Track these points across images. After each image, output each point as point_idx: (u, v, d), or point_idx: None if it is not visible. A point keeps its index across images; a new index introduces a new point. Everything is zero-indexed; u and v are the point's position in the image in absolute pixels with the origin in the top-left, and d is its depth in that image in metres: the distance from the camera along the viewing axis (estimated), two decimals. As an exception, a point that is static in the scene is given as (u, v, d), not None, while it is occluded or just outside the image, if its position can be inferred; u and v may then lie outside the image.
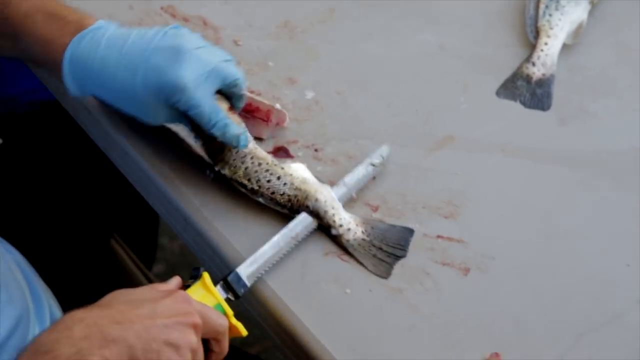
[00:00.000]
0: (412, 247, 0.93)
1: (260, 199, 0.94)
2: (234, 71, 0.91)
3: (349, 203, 0.95)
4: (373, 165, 0.96)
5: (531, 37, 1.09)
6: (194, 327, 0.78)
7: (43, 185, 1.28)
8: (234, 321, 0.83)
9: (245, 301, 0.92)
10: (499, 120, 1.04)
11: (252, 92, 1.03)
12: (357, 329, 0.88)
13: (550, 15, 1.08)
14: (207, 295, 0.84)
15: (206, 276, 0.84)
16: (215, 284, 0.85)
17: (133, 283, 1.34)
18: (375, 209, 0.96)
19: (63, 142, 1.31)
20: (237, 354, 1.13)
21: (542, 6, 1.09)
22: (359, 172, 0.95)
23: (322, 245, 0.93)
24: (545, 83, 1.06)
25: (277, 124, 1.00)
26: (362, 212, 0.95)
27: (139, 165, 0.98)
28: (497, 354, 0.86)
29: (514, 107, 1.05)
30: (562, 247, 0.94)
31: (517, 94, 1.06)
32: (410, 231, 0.94)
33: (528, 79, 1.06)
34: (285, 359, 0.91)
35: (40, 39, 0.89)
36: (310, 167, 0.97)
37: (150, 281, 1.35)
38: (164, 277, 1.82)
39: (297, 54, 1.09)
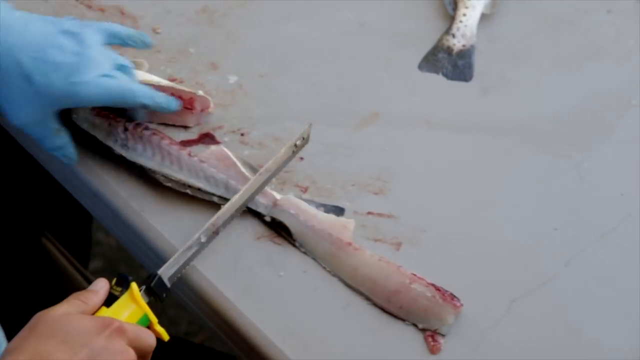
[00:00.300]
0: (343, 225, 0.93)
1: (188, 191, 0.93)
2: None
3: (278, 185, 0.95)
4: (295, 146, 0.95)
5: (450, 9, 1.09)
6: None
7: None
8: (158, 328, 0.81)
9: (178, 289, 0.92)
10: (423, 94, 1.04)
11: (173, 80, 1.02)
12: (294, 311, 0.88)
13: (467, -14, 1.09)
14: (135, 308, 0.81)
15: (134, 287, 0.81)
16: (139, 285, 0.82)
17: (68, 281, 1.32)
18: (305, 189, 0.96)
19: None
20: (181, 344, 1.12)
21: (458, -22, 1.10)
22: (283, 155, 0.95)
23: (254, 229, 0.93)
24: (466, 54, 1.07)
25: (202, 110, 1.00)
26: (292, 193, 0.95)
27: (63, 162, 0.97)
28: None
29: (437, 80, 1.06)
30: (490, 216, 0.95)
31: (439, 66, 1.06)
32: (341, 209, 0.94)
33: (449, 51, 1.07)
34: (225, 345, 0.91)
35: None
36: (237, 152, 0.97)
37: (86, 279, 1.33)
38: (102, 273, 1.81)
39: (217, 38, 1.08)
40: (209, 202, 0.93)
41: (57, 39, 0.88)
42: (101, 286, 0.80)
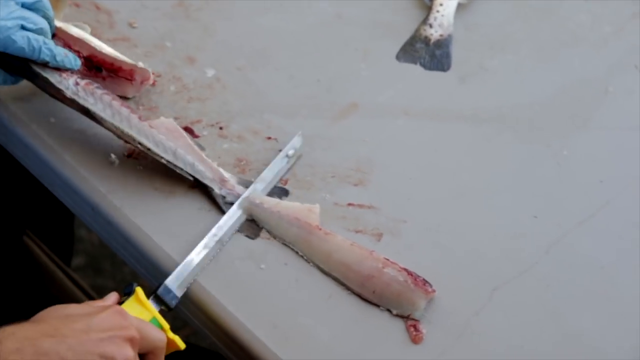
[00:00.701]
0: (324, 217, 0.93)
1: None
2: None
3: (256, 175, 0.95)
4: (288, 156, 0.95)
5: (426, -1, 1.10)
6: (130, 341, 0.76)
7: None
8: (171, 335, 0.82)
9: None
10: (401, 84, 1.04)
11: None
12: (276, 304, 0.88)
13: (443, -24, 1.09)
14: (142, 310, 0.82)
15: (139, 291, 0.83)
16: (148, 296, 0.84)
17: (51, 279, 1.31)
18: (285, 182, 0.95)
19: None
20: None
21: (434, -33, 1.10)
22: (276, 166, 0.95)
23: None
24: (443, 44, 1.07)
25: (142, 82, 1.00)
26: (271, 186, 0.95)
27: (40, 158, 0.97)
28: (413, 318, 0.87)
29: (415, 70, 1.06)
30: (470, 204, 0.95)
31: (416, 56, 1.06)
32: (285, 190, 0.94)
33: (426, 41, 1.07)
34: (209, 340, 0.91)
35: None
36: (216, 145, 0.97)
37: (68, 276, 1.32)
38: (84, 270, 1.81)
39: (194, 32, 1.07)
40: (189, 195, 0.93)
41: None
42: (113, 300, 0.82)
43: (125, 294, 0.84)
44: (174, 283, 0.86)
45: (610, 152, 0.99)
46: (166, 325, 0.82)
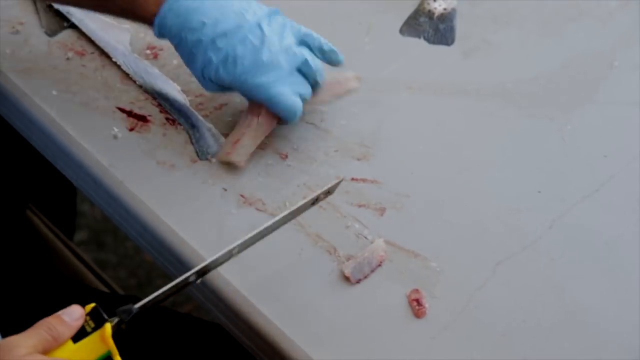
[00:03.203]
0: (327, 192, 0.93)
1: None
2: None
3: (259, 151, 0.95)
4: (317, 199, 0.89)
5: (431, -28, 1.09)
6: None
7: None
8: None
9: (166, 261, 0.92)
10: (404, 58, 1.04)
11: (153, 48, 1.01)
12: (278, 277, 0.88)
13: (446, -51, 1.08)
14: (100, 346, 0.76)
15: (107, 330, 0.75)
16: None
17: (54, 253, 1.32)
18: (285, 156, 0.95)
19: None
20: (168, 315, 1.12)
21: (437, -59, 1.09)
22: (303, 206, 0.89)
23: (237, 199, 0.92)
24: (447, 18, 1.06)
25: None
26: (272, 160, 0.94)
27: (43, 130, 0.97)
28: (417, 290, 0.87)
29: (418, 44, 1.05)
30: (474, 179, 0.94)
31: (420, 30, 1.06)
32: None
33: (430, 14, 1.06)
34: (211, 314, 0.91)
35: None
36: (219, 119, 0.97)
37: (71, 250, 1.33)
38: (87, 244, 1.81)
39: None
40: (190, 170, 0.93)
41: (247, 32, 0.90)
42: (76, 318, 0.76)
43: (92, 315, 0.76)
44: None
45: (614, 127, 0.98)
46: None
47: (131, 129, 0.96)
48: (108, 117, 0.97)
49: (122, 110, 0.98)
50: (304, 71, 0.93)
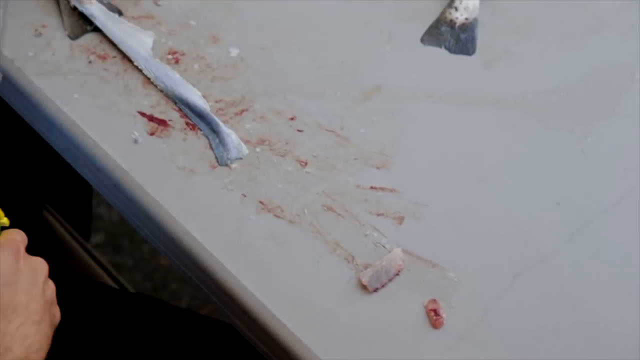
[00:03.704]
0: (346, 200, 0.93)
1: None
2: None
3: (278, 157, 0.95)
4: None
5: (453, -18, 1.09)
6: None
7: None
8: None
9: (180, 264, 0.92)
10: (425, 67, 1.04)
11: (174, 52, 1.02)
12: (296, 285, 0.88)
13: (469, -41, 1.08)
14: None
15: None
16: None
17: (70, 255, 1.32)
18: (305, 163, 0.95)
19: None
20: (188, 316, 1.12)
21: (461, -50, 1.09)
22: None
23: (256, 205, 0.92)
24: (468, 28, 1.06)
25: None
26: (292, 167, 0.94)
27: (63, 133, 0.97)
28: (434, 300, 0.86)
29: (439, 53, 1.05)
30: (493, 190, 0.94)
31: (441, 40, 1.06)
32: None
33: (452, 24, 1.06)
34: (228, 319, 0.91)
35: None
36: (239, 125, 0.97)
37: (88, 252, 1.33)
38: (103, 247, 1.81)
39: (218, 11, 1.07)
40: (213, 178, 0.93)
41: None
42: None
43: None
44: None
45: (635, 140, 0.98)
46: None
47: (152, 134, 0.96)
48: (129, 121, 0.97)
49: (143, 114, 0.98)
50: None
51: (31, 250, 1.29)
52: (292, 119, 0.98)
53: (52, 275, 0.82)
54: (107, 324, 1.08)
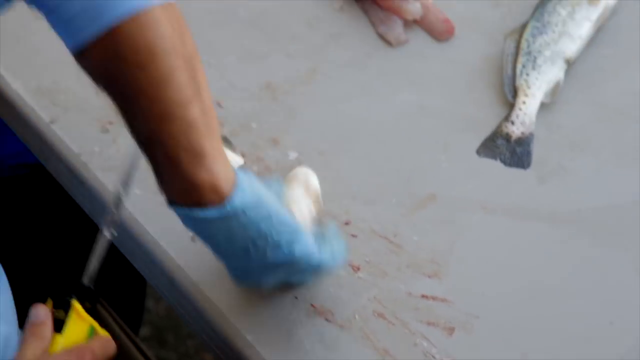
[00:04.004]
0: (397, 307, 0.93)
1: None
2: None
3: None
4: None
5: (509, 96, 1.10)
6: None
7: (29, 248, 1.28)
8: (103, 332, 0.86)
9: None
10: (480, 179, 1.05)
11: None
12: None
13: (527, 74, 1.10)
14: (84, 325, 0.84)
15: (77, 307, 0.84)
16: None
17: (120, 349, 1.32)
18: (357, 268, 0.96)
19: (48, 205, 1.31)
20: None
21: (519, 66, 1.11)
22: None
23: (307, 308, 0.93)
24: (524, 141, 1.07)
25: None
26: (344, 271, 0.95)
27: (123, 228, 0.99)
28: (483, 414, 0.86)
29: (494, 166, 1.06)
30: (545, 305, 0.94)
31: (497, 152, 1.07)
32: None
33: (507, 137, 1.08)
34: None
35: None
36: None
37: (137, 346, 1.33)
38: (150, 341, 1.82)
39: (279, 115, 1.10)
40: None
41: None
42: (45, 315, 0.82)
43: (56, 306, 0.84)
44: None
45: (690, 262, 0.98)
46: (98, 327, 0.85)
47: (208, 232, 0.98)
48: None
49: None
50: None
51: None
52: (346, 223, 1.00)
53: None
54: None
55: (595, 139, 1.09)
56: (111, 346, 0.84)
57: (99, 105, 1.07)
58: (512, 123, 1.08)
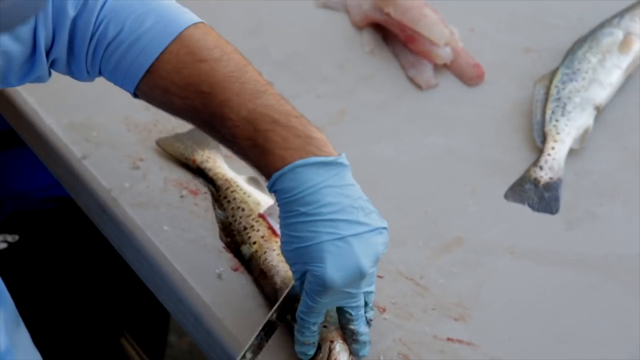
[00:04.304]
0: (422, 349, 0.93)
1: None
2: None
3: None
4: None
5: (538, 141, 1.11)
6: None
7: (56, 282, 1.29)
8: None
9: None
10: (507, 223, 1.05)
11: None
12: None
13: (556, 120, 1.11)
14: None
15: None
16: None
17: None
18: (384, 309, 0.96)
19: (76, 239, 1.32)
20: None
21: (548, 112, 1.12)
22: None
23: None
24: (552, 187, 1.07)
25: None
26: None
27: (151, 263, 1.00)
28: None
29: (522, 210, 1.06)
30: (572, 352, 0.93)
31: (525, 197, 1.07)
32: None
33: (536, 182, 1.08)
34: None
35: (260, 146, 0.84)
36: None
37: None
38: (171, 376, 1.81)
39: (308, 155, 1.10)
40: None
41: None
42: None
43: None
44: None
45: None
46: None
47: (235, 269, 0.99)
48: (214, 256, 1.00)
49: (227, 250, 1.00)
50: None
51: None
52: (373, 265, 1.00)
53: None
54: None
55: (624, 185, 1.09)
56: None
57: (130, 141, 1.08)
58: (541, 168, 1.09)
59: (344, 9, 1.26)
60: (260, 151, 0.84)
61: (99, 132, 1.10)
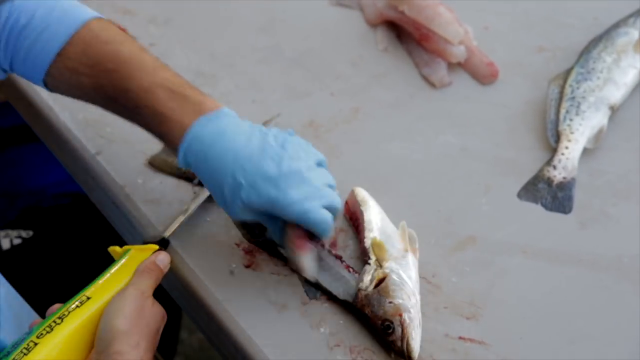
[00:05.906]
0: (434, 348, 0.93)
1: None
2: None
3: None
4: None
5: (552, 140, 1.10)
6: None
7: (70, 277, 1.29)
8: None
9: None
10: (521, 222, 1.05)
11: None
12: None
13: (571, 120, 1.10)
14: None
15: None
16: None
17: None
18: (397, 308, 0.96)
19: (90, 235, 1.33)
20: None
21: (562, 111, 1.11)
22: None
23: (345, 348, 0.93)
24: (566, 186, 1.07)
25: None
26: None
27: (163, 260, 1.00)
28: None
29: (535, 210, 1.06)
30: (584, 352, 0.93)
31: (538, 196, 1.07)
32: None
33: (549, 182, 1.07)
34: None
35: (159, 114, 0.93)
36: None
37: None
38: (182, 373, 1.81)
39: (321, 152, 1.10)
40: (303, 314, 0.94)
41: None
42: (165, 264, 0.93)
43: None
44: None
45: None
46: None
47: (247, 266, 0.99)
48: (227, 253, 1.00)
49: (240, 247, 1.01)
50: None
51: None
52: (385, 263, 1.00)
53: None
54: None
55: (638, 185, 1.08)
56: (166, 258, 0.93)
57: (144, 138, 1.07)
58: (554, 167, 1.08)
59: (358, 6, 1.26)
60: (160, 119, 0.93)
61: (113, 128, 1.11)
